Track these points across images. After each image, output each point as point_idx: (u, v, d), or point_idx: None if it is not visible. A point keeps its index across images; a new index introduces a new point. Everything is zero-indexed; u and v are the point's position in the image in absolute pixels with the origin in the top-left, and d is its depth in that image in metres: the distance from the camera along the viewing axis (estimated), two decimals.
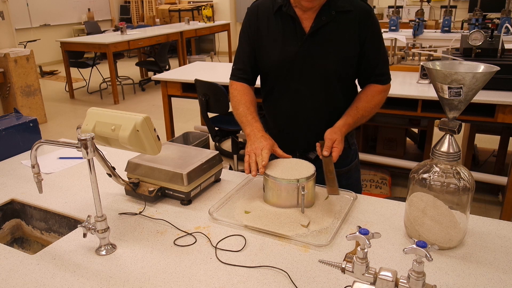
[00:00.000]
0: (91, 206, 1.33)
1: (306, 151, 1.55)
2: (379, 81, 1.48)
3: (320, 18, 1.39)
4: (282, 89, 1.51)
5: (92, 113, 1.26)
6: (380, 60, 1.47)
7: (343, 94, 1.49)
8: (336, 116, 1.47)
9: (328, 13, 1.38)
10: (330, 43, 1.41)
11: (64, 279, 1.00)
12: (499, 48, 2.77)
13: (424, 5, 6.38)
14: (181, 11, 9.86)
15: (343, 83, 1.48)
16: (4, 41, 5.28)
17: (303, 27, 1.42)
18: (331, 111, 1.49)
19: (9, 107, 5.12)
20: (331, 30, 1.40)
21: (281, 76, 1.49)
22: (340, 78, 1.46)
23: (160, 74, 3.74)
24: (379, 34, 1.45)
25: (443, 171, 1.04)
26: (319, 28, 1.40)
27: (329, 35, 1.40)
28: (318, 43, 1.41)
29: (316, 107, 1.49)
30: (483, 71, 1.00)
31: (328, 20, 1.39)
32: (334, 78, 1.45)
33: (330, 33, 1.40)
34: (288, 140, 1.55)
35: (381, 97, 1.49)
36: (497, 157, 3.45)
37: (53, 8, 9.52)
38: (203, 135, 3.98)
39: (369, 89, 1.49)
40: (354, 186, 1.59)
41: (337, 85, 1.47)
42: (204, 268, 1.03)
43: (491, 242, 1.10)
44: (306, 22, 1.41)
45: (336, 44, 1.41)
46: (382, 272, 0.78)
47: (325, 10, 1.39)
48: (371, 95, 1.47)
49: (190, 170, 1.31)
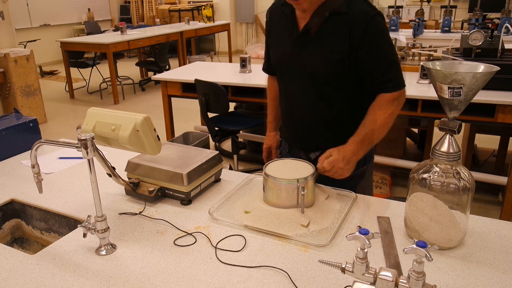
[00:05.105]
0: (91, 206, 1.33)
1: (308, 151, 1.56)
2: (384, 89, 1.37)
3: (312, 19, 1.38)
4: (281, 87, 1.58)
5: (92, 113, 1.26)
6: (381, 65, 1.36)
7: (337, 96, 1.44)
8: (333, 117, 1.47)
9: (321, 14, 1.36)
10: (319, 45, 1.39)
11: (64, 279, 1.00)
12: (499, 48, 2.77)
13: (424, 5, 6.38)
14: (181, 11, 9.86)
15: (333, 85, 1.42)
16: (4, 41, 5.28)
17: (299, 27, 1.42)
18: (326, 111, 1.47)
19: (9, 107, 5.12)
20: (322, 31, 1.38)
21: (281, 73, 1.54)
22: (329, 80, 1.41)
23: (160, 74, 3.74)
24: (380, 38, 1.34)
25: (443, 171, 1.04)
26: (310, 29, 1.39)
27: (319, 36, 1.38)
28: (308, 43, 1.40)
29: (309, 107, 1.49)
30: (483, 71, 1.00)
31: (320, 21, 1.37)
32: (322, 79, 1.42)
33: (321, 34, 1.38)
34: (291, 137, 1.62)
35: (390, 106, 1.36)
36: (497, 157, 3.45)
37: (53, 8, 9.52)
38: (203, 135, 3.98)
39: (376, 100, 1.39)
40: (368, 188, 1.58)
41: (327, 87, 1.43)
42: (204, 268, 1.03)
43: (491, 242, 1.10)
44: (302, 22, 1.42)
45: (325, 46, 1.38)
46: (382, 272, 0.79)
47: (320, 11, 1.37)
48: (378, 106, 1.37)
49: (190, 170, 1.31)
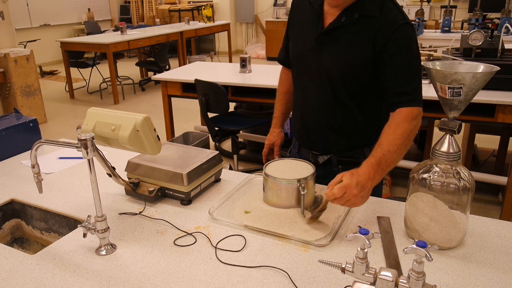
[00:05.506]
0: (91, 206, 1.33)
1: (316, 154, 1.52)
2: (400, 102, 1.26)
3: (340, 18, 1.32)
4: (296, 81, 1.52)
5: (92, 113, 1.26)
6: (401, 76, 1.27)
7: (353, 101, 1.39)
8: (346, 122, 1.43)
9: (351, 14, 1.30)
10: (341, 45, 1.33)
11: (64, 279, 1.00)
12: (499, 48, 2.77)
13: (424, 5, 6.39)
14: (181, 11, 9.86)
15: (351, 90, 1.37)
16: (4, 41, 5.28)
17: (324, 23, 1.36)
18: (339, 115, 1.43)
19: (9, 107, 5.12)
20: (347, 32, 1.31)
21: (297, 68, 1.49)
22: (346, 84, 1.36)
23: (160, 74, 3.74)
24: (405, 48, 1.28)
25: (443, 171, 1.04)
26: (335, 28, 1.33)
27: (343, 37, 1.32)
28: (331, 42, 1.35)
29: (322, 106, 1.44)
30: (483, 71, 1.00)
31: (348, 21, 1.30)
32: (338, 82, 1.37)
33: (345, 35, 1.32)
34: (301, 136, 1.57)
35: (408, 125, 1.23)
36: (497, 157, 3.45)
37: (53, 8, 9.52)
38: (203, 135, 3.98)
39: (392, 118, 1.28)
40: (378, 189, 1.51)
41: (343, 90, 1.37)
42: (204, 268, 1.03)
43: (491, 242, 1.10)
44: (329, 18, 1.35)
45: (347, 48, 1.32)
46: (382, 272, 0.78)
47: (349, 10, 1.30)
48: (395, 125, 1.25)
49: (190, 170, 1.31)
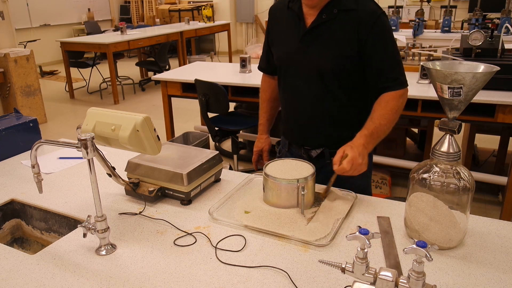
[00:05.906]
0: (91, 206, 1.33)
1: (309, 149, 1.56)
2: (389, 87, 1.39)
3: (321, 15, 1.40)
4: (285, 83, 1.57)
5: (92, 113, 1.26)
6: (386, 63, 1.39)
7: (343, 93, 1.46)
8: (338, 114, 1.48)
9: (330, 11, 1.38)
10: (327, 41, 1.40)
11: (64, 279, 1.00)
12: (499, 48, 2.77)
13: (424, 5, 6.39)
14: (181, 11, 9.86)
15: (341, 81, 1.44)
16: (4, 41, 5.28)
17: (306, 23, 1.43)
18: (331, 108, 1.48)
19: (9, 107, 5.12)
20: (330, 28, 1.39)
21: (284, 70, 1.55)
22: (336, 76, 1.43)
23: (160, 74, 3.74)
24: (386, 37, 1.38)
25: (443, 171, 1.04)
26: (318, 25, 1.40)
27: (327, 33, 1.40)
28: (316, 40, 1.42)
29: (314, 103, 1.50)
30: (483, 71, 1.00)
31: (328, 17, 1.39)
32: (329, 75, 1.43)
33: (329, 31, 1.40)
34: (293, 134, 1.62)
35: (396, 102, 1.39)
36: (497, 157, 3.45)
37: (53, 8, 9.51)
38: (203, 135, 3.98)
39: (381, 97, 1.40)
40: (367, 188, 1.58)
41: (334, 83, 1.44)
42: (204, 268, 1.03)
43: (491, 242, 1.10)
44: (309, 19, 1.43)
45: (333, 42, 1.40)
46: (382, 272, 0.78)
47: (328, 7, 1.39)
48: (384, 102, 1.39)
49: (190, 170, 1.31)
